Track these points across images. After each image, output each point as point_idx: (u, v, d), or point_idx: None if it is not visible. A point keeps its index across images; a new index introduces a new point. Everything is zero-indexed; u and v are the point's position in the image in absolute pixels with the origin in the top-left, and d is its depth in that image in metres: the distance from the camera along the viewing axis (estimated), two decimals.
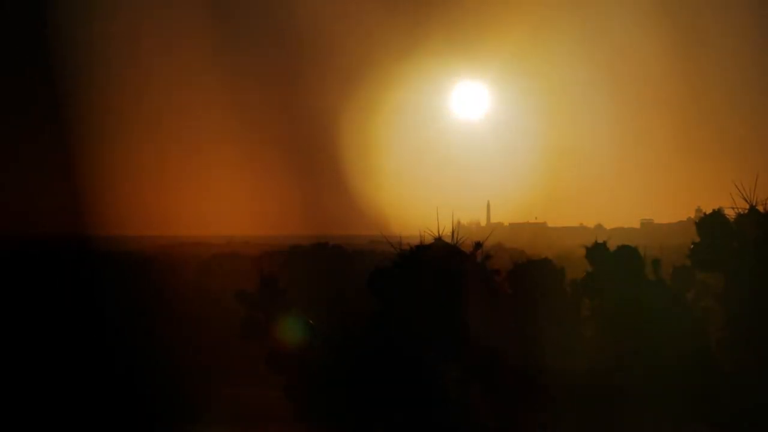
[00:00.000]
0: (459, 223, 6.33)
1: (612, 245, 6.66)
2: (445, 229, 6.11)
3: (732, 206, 6.79)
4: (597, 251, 6.39)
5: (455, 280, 6.08)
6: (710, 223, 6.85)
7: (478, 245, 6.00)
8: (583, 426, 6.27)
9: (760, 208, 6.77)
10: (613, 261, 6.26)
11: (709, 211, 6.91)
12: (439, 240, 6.02)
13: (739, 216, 6.78)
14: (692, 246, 6.86)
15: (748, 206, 6.77)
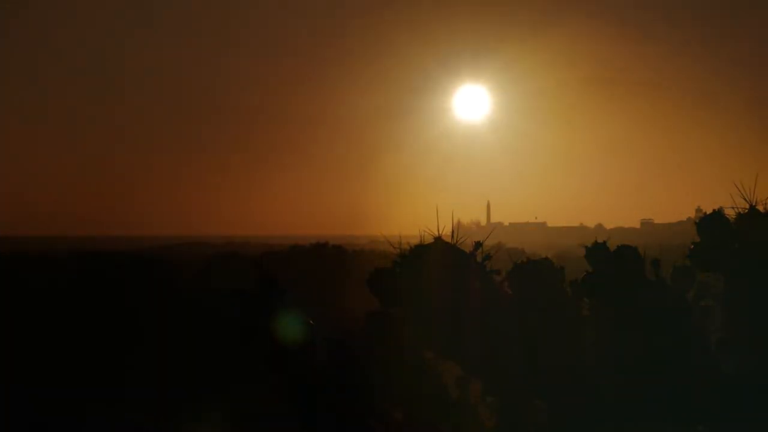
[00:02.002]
0: (459, 222, 6.32)
1: (612, 245, 6.65)
2: (445, 228, 6.11)
3: (732, 206, 6.79)
4: (597, 251, 6.38)
5: (455, 280, 6.07)
6: (710, 223, 6.85)
7: (478, 245, 6.00)
8: (584, 426, 6.26)
9: (760, 208, 6.77)
10: (613, 261, 6.26)
11: (709, 211, 6.90)
12: (438, 239, 6.01)
13: (739, 216, 6.78)
14: (692, 246, 6.87)
15: (748, 206, 6.77)
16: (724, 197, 6.79)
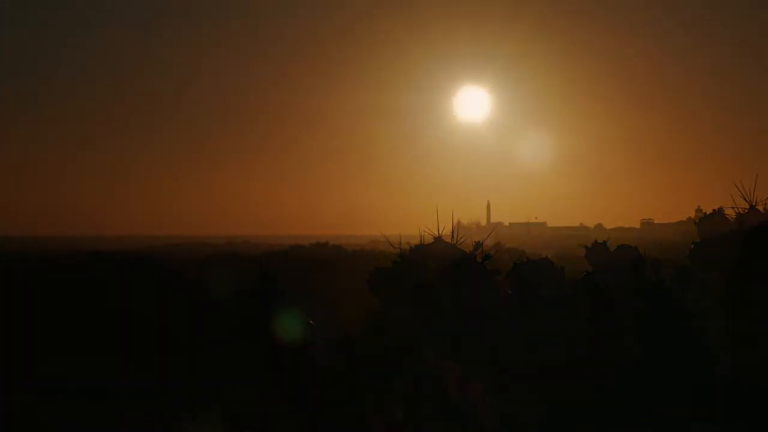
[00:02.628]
0: (459, 222, 6.33)
1: (612, 245, 6.65)
2: (445, 228, 6.11)
3: (732, 206, 6.79)
4: (597, 251, 6.39)
5: (455, 279, 6.08)
6: (711, 223, 6.86)
7: (478, 245, 6.00)
8: (584, 424, 6.27)
9: (760, 208, 6.77)
10: (613, 261, 6.27)
11: (709, 211, 6.91)
12: (438, 239, 6.01)
13: (739, 215, 6.78)
14: (693, 246, 6.87)
15: (748, 206, 6.77)
16: (725, 197, 6.79)
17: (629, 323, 6.31)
